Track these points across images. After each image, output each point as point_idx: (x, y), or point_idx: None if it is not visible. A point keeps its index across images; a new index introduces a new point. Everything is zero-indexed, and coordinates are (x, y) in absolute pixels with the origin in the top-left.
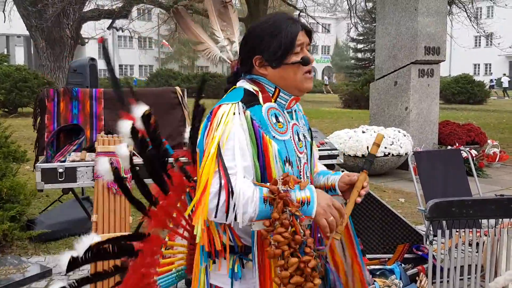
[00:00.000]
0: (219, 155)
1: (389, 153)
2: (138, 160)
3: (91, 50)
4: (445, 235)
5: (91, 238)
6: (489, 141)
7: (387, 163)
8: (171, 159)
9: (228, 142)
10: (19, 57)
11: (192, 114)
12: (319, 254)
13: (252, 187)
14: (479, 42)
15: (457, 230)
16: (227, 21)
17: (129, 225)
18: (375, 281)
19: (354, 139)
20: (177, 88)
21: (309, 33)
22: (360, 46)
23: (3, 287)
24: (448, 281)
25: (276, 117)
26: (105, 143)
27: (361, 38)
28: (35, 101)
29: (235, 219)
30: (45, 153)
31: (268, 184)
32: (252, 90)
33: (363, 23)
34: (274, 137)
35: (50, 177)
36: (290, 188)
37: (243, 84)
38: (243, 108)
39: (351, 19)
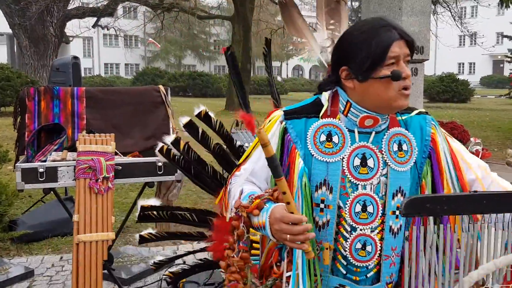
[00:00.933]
0: (245, 155)
1: None
2: (121, 159)
3: (75, 48)
4: (423, 232)
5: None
6: (472, 138)
7: None
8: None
9: (257, 146)
10: (2, 55)
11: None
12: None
13: (236, 195)
14: (464, 42)
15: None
16: (336, 18)
17: (112, 225)
18: None
19: None
20: (161, 86)
21: (410, 43)
22: None
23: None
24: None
25: (329, 136)
26: (86, 142)
27: None
28: (16, 100)
29: None
30: (25, 153)
31: (242, 199)
32: (324, 101)
33: (350, 22)
34: (312, 155)
35: (30, 177)
36: (243, 213)
37: (324, 93)
38: (281, 118)
39: None
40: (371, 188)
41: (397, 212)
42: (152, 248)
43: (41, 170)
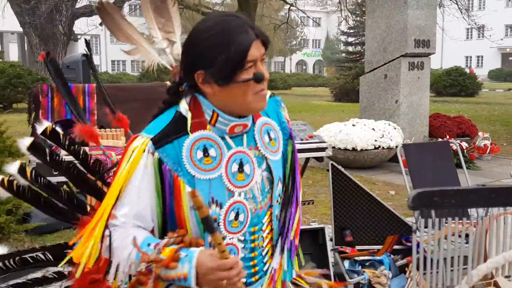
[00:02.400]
0: (112, 197)
1: (379, 146)
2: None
3: (83, 46)
4: (431, 225)
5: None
6: (480, 133)
7: (378, 156)
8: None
9: (130, 186)
10: (13, 53)
11: None
12: None
13: (129, 248)
14: (471, 35)
15: (446, 220)
16: (166, 17)
17: None
18: (364, 271)
19: (344, 132)
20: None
21: (265, 42)
22: (350, 39)
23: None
24: (437, 272)
25: (205, 150)
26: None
27: (351, 31)
28: (29, 96)
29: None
30: None
31: (145, 250)
32: (185, 114)
33: (354, 16)
34: (194, 176)
35: (44, 171)
36: (155, 268)
37: (182, 103)
38: (151, 149)
39: (341, 12)
40: (257, 189)
41: (279, 199)
42: None
43: None
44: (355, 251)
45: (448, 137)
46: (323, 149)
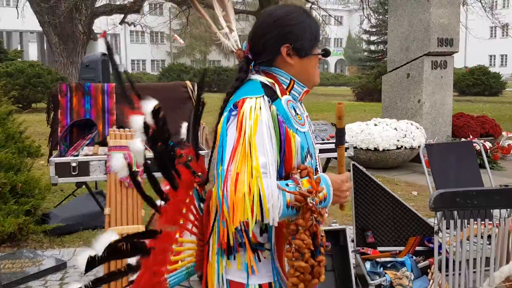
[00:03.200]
0: (249, 152)
1: (401, 146)
2: (149, 154)
3: (103, 45)
4: (453, 227)
5: (109, 236)
6: (503, 133)
7: (400, 156)
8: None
9: (259, 138)
10: (32, 53)
11: (195, 109)
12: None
13: (276, 192)
14: (495, 33)
15: (468, 222)
16: (226, 10)
17: (142, 219)
18: (386, 273)
19: (366, 132)
20: (188, 82)
21: None
22: (373, 38)
23: (19, 279)
24: (459, 274)
25: (295, 109)
26: (117, 137)
27: (374, 30)
28: (48, 96)
29: (262, 219)
30: (58, 148)
31: (293, 190)
32: (267, 82)
33: (376, 15)
34: (297, 129)
35: (63, 171)
36: (315, 197)
37: (256, 77)
38: (268, 102)
39: (363, 11)
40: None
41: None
42: None
43: (73, 164)
44: (377, 253)
45: (471, 137)
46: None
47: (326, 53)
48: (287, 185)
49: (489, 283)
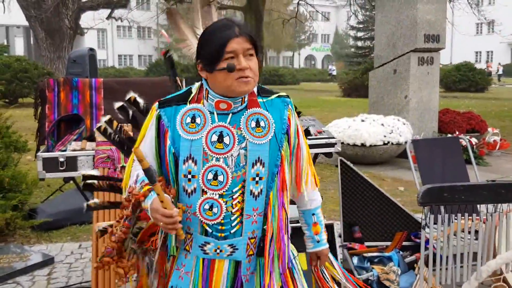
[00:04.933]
0: (137, 142)
1: (388, 142)
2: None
3: (90, 40)
4: (439, 222)
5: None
6: (489, 129)
7: (386, 151)
8: None
9: (141, 133)
10: (18, 47)
11: None
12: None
13: (133, 179)
14: (481, 29)
15: (456, 216)
16: (208, 19)
17: None
18: (373, 268)
19: (353, 128)
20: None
21: (250, 38)
22: (360, 34)
23: (6, 275)
24: (446, 269)
25: (193, 118)
26: None
27: (361, 26)
28: (36, 91)
29: None
30: (46, 143)
31: (136, 185)
32: (194, 89)
33: (363, 11)
34: (180, 135)
35: (51, 166)
36: (132, 198)
37: (197, 83)
38: (156, 107)
39: (350, 7)
40: (231, 160)
41: (257, 179)
42: None
43: (61, 159)
44: (364, 248)
45: (457, 132)
46: (332, 145)
47: (228, 69)
48: (142, 181)
49: (476, 277)
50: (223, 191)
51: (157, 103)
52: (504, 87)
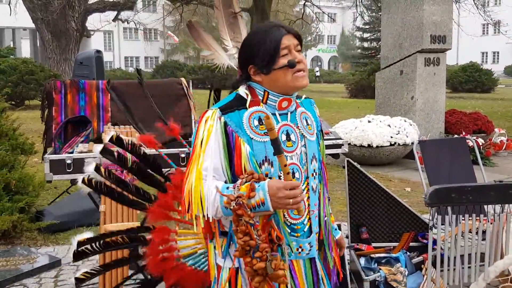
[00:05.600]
0: (197, 157)
1: (395, 143)
2: (146, 151)
3: (97, 42)
4: (447, 222)
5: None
6: (496, 129)
7: (393, 152)
8: None
9: (206, 145)
10: (25, 50)
11: None
12: (274, 258)
13: (214, 193)
14: (487, 30)
15: (463, 217)
16: (236, 30)
17: (137, 216)
18: (380, 269)
19: (360, 129)
20: (183, 79)
21: (297, 35)
22: (366, 35)
23: (14, 277)
24: (454, 269)
25: (260, 120)
26: None
27: (367, 27)
28: (43, 93)
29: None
30: (53, 145)
31: (229, 193)
32: (244, 94)
33: (369, 12)
34: (252, 138)
35: (58, 168)
36: (243, 200)
37: (240, 89)
38: (219, 114)
39: (357, 8)
40: (296, 158)
41: (315, 174)
42: None
43: (68, 161)
44: (371, 248)
45: (464, 133)
46: (339, 146)
47: (290, 65)
48: (227, 188)
49: (484, 277)
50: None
51: (216, 109)
52: (511, 87)
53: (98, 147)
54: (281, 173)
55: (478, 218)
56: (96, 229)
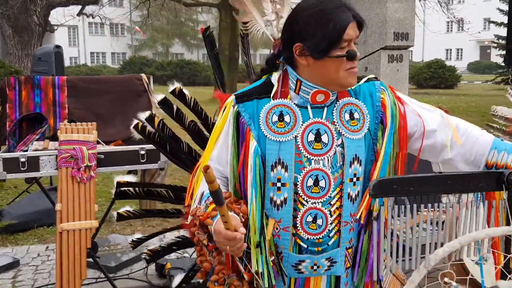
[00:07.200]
0: (209, 146)
1: None
2: (103, 148)
3: (61, 37)
4: (389, 213)
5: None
6: None
7: None
8: None
9: (217, 135)
10: None
11: None
12: (232, 281)
13: (199, 195)
14: (451, 28)
15: (419, 208)
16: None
17: (95, 214)
18: None
19: None
20: (143, 75)
21: (360, 24)
22: None
23: None
24: (396, 261)
25: (281, 115)
26: (68, 131)
27: None
28: None
29: None
30: (7, 143)
31: (196, 204)
32: (274, 81)
33: None
34: (266, 136)
35: (12, 167)
36: (197, 220)
37: (275, 73)
38: (234, 102)
39: None
40: (327, 161)
41: (354, 179)
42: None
43: (22, 159)
44: None
45: None
46: None
47: (350, 56)
48: (208, 198)
49: (425, 265)
50: (324, 199)
51: (233, 96)
52: (473, 83)
53: (158, 97)
54: (296, 181)
55: (432, 209)
56: (56, 229)
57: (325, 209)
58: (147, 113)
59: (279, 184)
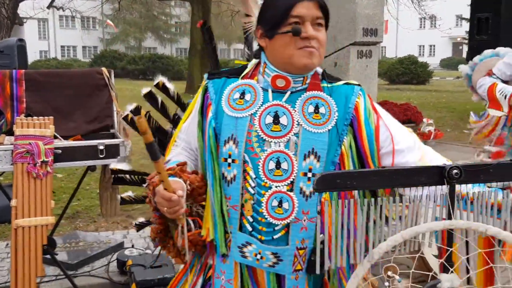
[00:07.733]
0: (182, 119)
1: None
2: (61, 143)
3: (30, 30)
4: (335, 208)
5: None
6: (424, 119)
7: None
8: None
9: (190, 108)
10: None
11: None
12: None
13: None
14: (424, 24)
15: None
16: None
17: (51, 210)
18: None
19: None
20: (104, 69)
21: (322, 7)
22: None
23: None
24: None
25: (243, 93)
26: (24, 126)
27: None
28: None
29: None
30: None
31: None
32: (250, 65)
33: None
34: (224, 111)
35: None
36: (150, 186)
37: (255, 59)
38: (205, 78)
39: None
40: (288, 145)
41: (309, 175)
42: (101, 233)
43: None
44: None
45: None
46: None
47: (294, 31)
48: (175, 163)
49: (369, 259)
50: (288, 181)
51: (206, 73)
52: (445, 79)
53: (144, 90)
54: (246, 155)
55: (401, 204)
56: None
57: (291, 193)
58: (134, 105)
59: (229, 160)
